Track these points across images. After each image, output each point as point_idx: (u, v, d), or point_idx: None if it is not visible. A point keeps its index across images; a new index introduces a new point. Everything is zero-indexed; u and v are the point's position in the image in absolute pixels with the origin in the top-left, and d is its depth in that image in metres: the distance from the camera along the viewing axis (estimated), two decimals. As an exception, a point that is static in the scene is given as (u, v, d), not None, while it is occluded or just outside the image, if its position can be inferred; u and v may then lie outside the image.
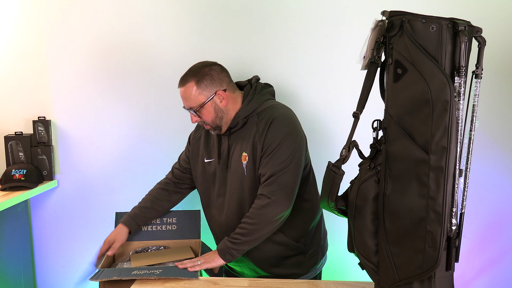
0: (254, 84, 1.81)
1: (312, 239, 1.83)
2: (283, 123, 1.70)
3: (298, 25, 2.23)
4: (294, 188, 1.68)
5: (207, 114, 1.72)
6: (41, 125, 2.41)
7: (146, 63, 2.34)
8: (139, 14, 2.31)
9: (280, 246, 1.78)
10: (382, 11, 1.19)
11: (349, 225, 1.32)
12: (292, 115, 1.77)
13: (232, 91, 1.76)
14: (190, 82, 1.70)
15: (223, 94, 1.72)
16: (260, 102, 1.76)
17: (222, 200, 1.81)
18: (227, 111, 1.74)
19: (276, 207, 1.65)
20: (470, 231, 2.18)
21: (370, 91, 1.26)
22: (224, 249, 1.68)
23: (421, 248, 1.15)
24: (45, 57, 2.39)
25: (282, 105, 1.81)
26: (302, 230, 1.80)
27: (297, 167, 1.69)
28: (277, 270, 1.79)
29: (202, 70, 1.71)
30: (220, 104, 1.72)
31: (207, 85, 1.70)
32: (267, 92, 1.83)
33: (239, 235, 1.67)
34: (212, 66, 1.73)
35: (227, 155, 1.77)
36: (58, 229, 2.49)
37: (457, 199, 1.15)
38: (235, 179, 1.75)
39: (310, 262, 1.83)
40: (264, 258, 1.79)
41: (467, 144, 1.17)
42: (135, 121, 2.39)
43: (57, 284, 2.53)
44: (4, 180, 2.31)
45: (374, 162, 1.26)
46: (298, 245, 1.79)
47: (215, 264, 1.68)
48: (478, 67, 1.13)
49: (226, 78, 1.75)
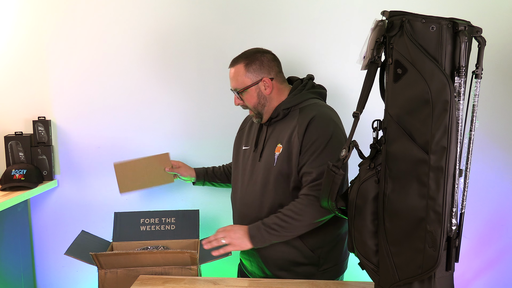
0: (305, 81, 1.82)
1: (330, 253, 1.76)
2: (326, 121, 1.68)
3: (300, 24, 2.23)
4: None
5: (249, 98, 1.76)
6: (41, 125, 2.41)
7: (146, 63, 2.34)
8: (139, 14, 2.31)
9: (294, 250, 1.72)
10: (382, 11, 1.19)
11: (349, 225, 1.32)
12: (334, 114, 1.75)
13: (280, 82, 1.79)
14: (240, 63, 1.75)
15: (269, 82, 1.74)
16: (306, 98, 1.75)
17: (246, 187, 1.79)
18: (270, 100, 1.76)
19: (322, 210, 1.57)
20: (470, 231, 2.18)
21: (370, 91, 1.26)
22: (257, 236, 1.65)
23: (421, 248, 1.15)
24: (45, 57, 2.39)
25: (327, 105, 1.80)
26: (320, 240, 1.73)
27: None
28: (285, 275, 1.74)
29: (255, 55, 1.75)
30: (265, 92, 1.75)
31: (255, 69, 1.74)
32: (317, 92, 1.81)
33: (278, 227, 1.64)
34: (264, 53, 1.77)
35: (263, 144, 1.77)
36: (58, 229, 2.48)
37: (457, 199, 1.15)
38: (263, 168, 1.74)
39: (323, 277, 1.73)
40: (276, 258, 1.74)
41: (467, 144, 1.17)
42: (135, 121, 2.39)
43: (57, 284, 2.53)
44: (4, 180, 2.31)
45: (374, 162, 1.26)
46: (313, 255, 1.73)
47: (241, 248, 1.67)
48: (478, 67, 1.13)
49: (276, 68, 1.78)
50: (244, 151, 1.86)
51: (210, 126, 2.34)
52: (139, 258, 1.57)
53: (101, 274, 1.59)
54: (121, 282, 1.56)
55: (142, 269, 1.59)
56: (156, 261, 1.57)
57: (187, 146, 2.37)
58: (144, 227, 1.92)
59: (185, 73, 2.33)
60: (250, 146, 1.84)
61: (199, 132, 2.36)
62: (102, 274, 1.59)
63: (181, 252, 1.56)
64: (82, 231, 1.87)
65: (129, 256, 1.56)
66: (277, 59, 1.81)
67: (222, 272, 2.24)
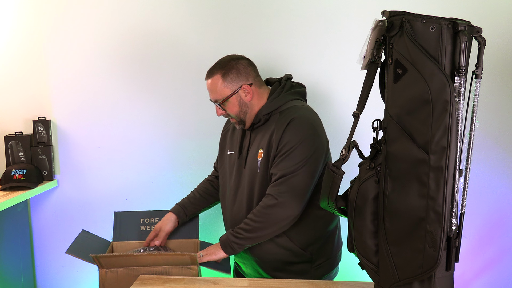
0: (283, 82, 1.80)
1: (321, 249, 1.77)
2: (302, 125, 1.67)
3: (296, 24, 2.23)
4: (304, 192, 1.65)
5: (231, 107, 1.74)
6: (41, 125, 2.41)
7: (146, 63, 2.34)
8: (139, 14, 2.31)
9: (286, 251, 1.74)
10: (382, 11, 1.19)
11: (349, 225, 1.32)
12: (313, 118, 1.74)
13: (259, 86, 1.77)
14: (216, 74, 1.72)
15: (249, 88, 1.73)
16: (285, 100, 1.75)
17: (234, 193, 1.81)
18: (252, 106, 1.75)
19: (283, 210, 1.63)
20: (470, 231, 2.18)
21: (370, 91, 1.26)
22: (226, 241, 1.69)
23: (421, 248, 1.15)
24: (45, 57, 2.39)
25: (307, 106, 1.79)
26: (310, 238, 1.75)
27: (311, 172, 1.66)
28: (280, 275, 1.75)
29: (229, 63, 1.73)
30: (245, 98, 1.74)
31: (233, 78, 1.72)
32: (296, 92, 1.80)
33: (242, 230, 1.67)
34: (239, 60, 1.75)
35: (246, 150, 1.78)
36: (58, 229, 2.48)
37: (457, 199, 1.15)
38: (249, 174, 1.75)
39: (317, 272, 1.76)
40: (268, 260, 1.76)
41: (467, 144, 1.17)
42: (135, 121, 2.39)
43: (57, 284, 2.53)
44: (4, 180, 2.31)
45: (374, 162, 1.26)
46: (305, 253, 1.74)
47: (216, 256, 1.69)
48: (478, 67, 1.13)
49: (253, 73, 1.76)
50: (230, 156, 1.86)
51: (212, 126, 2.33)
52: (140, 260, 1.58)
53: (102, 273, 1.59)
54: (122, 281, 1.56)
55: (142, 269, 1.60)
56: (156, 261, 1.58)
57: (188, 146, 2.37)
58: (144, 226, 1.92)
59: (186, 73, 2.33)
60: (235, 151, 1.84)
61: (200, 132, 2.36)
62: (103, 273, 1.59)
63: (181, 254, 1.57)
64: (82, 230, 1.87)
65: (129, 258, 1.57)
66: (253, 64, 1.79)
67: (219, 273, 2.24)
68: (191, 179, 2.20)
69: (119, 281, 1.57)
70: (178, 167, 2.39)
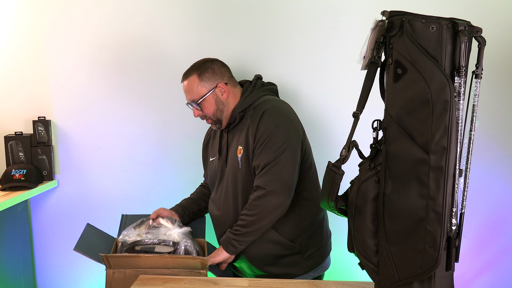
0: (254, 81, 1.87)
1: (310, 239, 1.81)
2: (274, 114, 1.72)
3: (299, 24, 2.23)
4: (290, 177, 1.69)
5: (208, 106, 1.79)
6: (41, 125, 2.41)
7: (146, 63, 2.34)
8: (139, 13, 2.31)
9: (275, 245, 1.77)
10: (382, 11, 1.19)
11: (349, 225, 1.32)
12: (284, 107, 1.79)
13: (233, 85, 1.84)
14: (192, 75, 1.79)
15: (224, 87, 1.79)
16: (257, 97, 1.80)
17: (220, 195, 1.83)
18: (228, 105, 1.80)
19: (274, 197, 1.66)
20: (470, 231, 2.17)
21: (370, 91, 1.26)
22: (227, 240, 1.72)
23: (421, 248, 1.15)
24: (45, 57, 2.38)
25: (278, 99, 1.85)
26: (297, 229, 1.78)
27: (291, 157, 1.70)
28: (272, 269, 1.78)
29: (204, 64, 1.81)
30: (222, 97, 1.79)
31: (208, 77, 1.78)
32: (268, 89, 1.86)
33: (239, 226, 1.70)
34: (214, 61, 1.83)
35: (226, 150, 1.82)
36: (58, 229, 2.48)
37: (457, 199, 1.15)
38: (231, 172, 1.78)
39: (308, 263, 1.80)
40: (260, 256, 1.78)
41: (467, 144, 1.17)
42: (135, 121, 2.39)
43: (57, 284, 2.53)
44: (4, 180, 2.30)
45: (374, 162, 1.26)
46: (294, 245, 1.77)
47: (219, 257, 1.72)
48: (478, 67, 1.13)
49: (227, 73, 1.84)
50: (212, 162, 1.91)
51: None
52: (149, 261, 1.57)
53: (109, 273, 1.59)
54: (129, 283, 1.55)
55: (150, 271, 1.59)
56: (166, 264, 1.57)
57: (188, 147, 2.37)
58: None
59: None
60: (216, 155, 1.88)
61: (202, 132, 2.35)
62: (110, 273, 1.59)
63: (193, 258, 1.57)
64: (87, 224, 1.86)
65: (139, 259, 1.56)
66: (226, 65, 1.86)
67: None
68: (191, 179, 2.21)
69: (126, 281, 1.56)
70: (178, 167, 2.39)
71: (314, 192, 1.83)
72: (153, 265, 1.58)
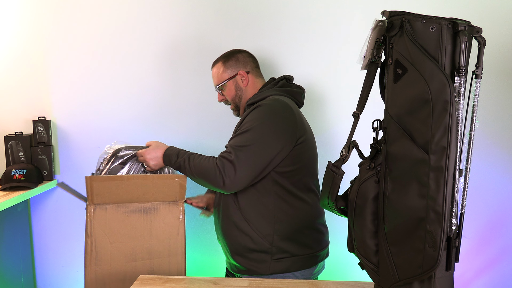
0: (277, 79, 1.89)
1: (281, 244, 1.72)
2: (264, 110, 1.70)
3: (298, 24, 2.23)
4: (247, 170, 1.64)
5: (228, 91, 1.89)
6: (41, 125, 2.41)
7: (146, 63, 2.34)
8: (139, 13, 2.31)
9: (245, 235, 1.72)
10: (382, 11, 1.19)
11: (349, 225, 1.32)
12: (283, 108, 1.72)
13: (256, 76, 1.90)
14: (219, 62, 1.91)
15: (245, 74, 1.87)
16: (269, 94, 1.78)
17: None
18: (246, 93, 1.87)
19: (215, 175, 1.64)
20: (470, 231, 2.18)
21: (370, 91, 1.26)
22: (176, 149, 1.77)
23: (421, 248, 1.15)
24: (45, 57, 2.39)
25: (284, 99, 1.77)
26: (269, 228, 1.72)
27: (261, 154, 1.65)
28: (240, 260, 1.75)
29: (231, 53, 1.91)
30: (241, 84, 1.86)
31: (231, 64, 1.88)
32: (285, 90, 1.82)
33: (190, 153, 1.73)
34: (241, 52, 1.92)
35: None
36: (58, 229, 2.49)
37: (457, 199, 1.15)
38: None
39: (276, 266, 1.72)
40: (231, 242, 1.76)
41: (467, 144, 1.17)
42: (135, 121, 2.39)
43: (57, 284, 2.53)
44: (4, 180, 2.31)
45: (374, 162, 1.26)
46: (263, 242, 1.71)
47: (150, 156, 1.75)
48: (478, 67, 1.13)
49: (252, 63, 1.91)
50: None
51: (213, 125, 2.33)
52: (131, 186, 1.59)
53: (90, 210, 1.61)
54: (110, 219, 1.57)
55: (131, 205, 1.61)
56: (146, 191, 1.59)
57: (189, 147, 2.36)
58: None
59: (187, 73, 2.33)
60: None
61: (202, 132, 2.36)
62: (91, 210, 1.60)
63: (171, 177, 1.62)
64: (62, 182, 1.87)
65: (122, 182, 1.59)
66: (253, 57, 1.94)
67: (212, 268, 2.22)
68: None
69: (107, 218, 1.57)
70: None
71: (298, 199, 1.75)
72: (134, 193, 1.59)
